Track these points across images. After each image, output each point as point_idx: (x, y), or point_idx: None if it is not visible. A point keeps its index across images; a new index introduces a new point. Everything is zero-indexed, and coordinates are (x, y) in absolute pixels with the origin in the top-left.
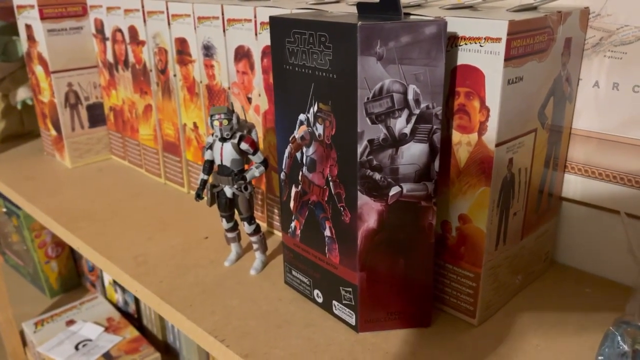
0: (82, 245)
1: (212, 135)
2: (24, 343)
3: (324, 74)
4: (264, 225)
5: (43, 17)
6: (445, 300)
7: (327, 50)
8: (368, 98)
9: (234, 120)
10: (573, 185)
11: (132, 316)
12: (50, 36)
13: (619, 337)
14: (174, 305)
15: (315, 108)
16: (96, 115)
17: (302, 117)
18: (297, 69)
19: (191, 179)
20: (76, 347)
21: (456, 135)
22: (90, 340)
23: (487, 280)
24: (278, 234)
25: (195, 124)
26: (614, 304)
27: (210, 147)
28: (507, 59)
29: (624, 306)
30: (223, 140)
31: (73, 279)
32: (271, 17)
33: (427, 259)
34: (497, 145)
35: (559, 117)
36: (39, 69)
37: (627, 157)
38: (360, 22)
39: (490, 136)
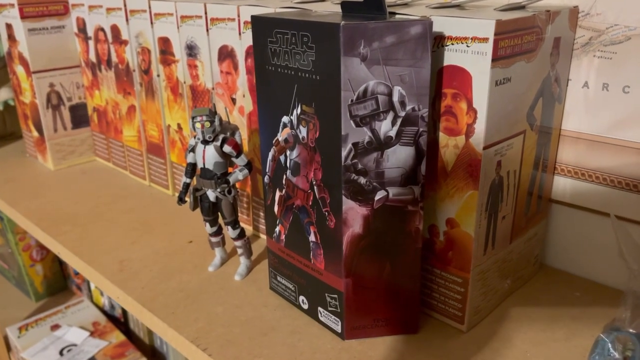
0: (63, 250)
1: (195, 137)
2: (8, 348)
3: (306, 75)
4: (249, 229)
5: (23, 16)
6: (433, 306)
7: (309, 50)
8: (352, 100)
9: (216, 122)
10: (562, 187)
11: (119, 320)
12: (31, 35)
13: (610, 344)
14: (156, 312)
15: (299, 110)
16: (79, 116)
17: (285, 119)
18: (279, 69)
19: (176, 181)
20: (61, 353)
21: (443, 138)
22: (75, 345)
23: (476, 285)
24: (264, 237)
25: (179, 125)
26: (604, 308)
27: (193, 149)
28: (495, 59)
29: (614, 310)
30: (205, 142)
31: (59, 282)
32: (253, 17)
33: (414, 264)
34: (485, 147)
35: (548, 119)
36: (19, 69)
37: (618, 158)
38: (343, 22)
39: (478, 138)
